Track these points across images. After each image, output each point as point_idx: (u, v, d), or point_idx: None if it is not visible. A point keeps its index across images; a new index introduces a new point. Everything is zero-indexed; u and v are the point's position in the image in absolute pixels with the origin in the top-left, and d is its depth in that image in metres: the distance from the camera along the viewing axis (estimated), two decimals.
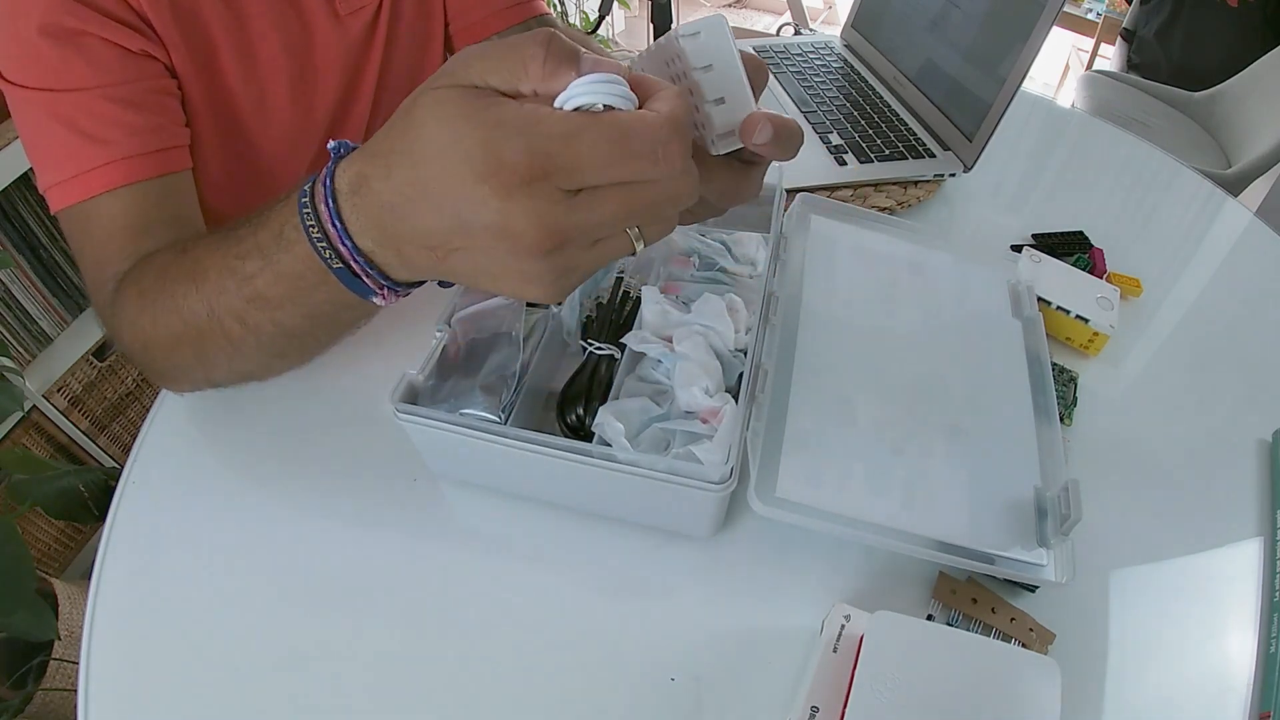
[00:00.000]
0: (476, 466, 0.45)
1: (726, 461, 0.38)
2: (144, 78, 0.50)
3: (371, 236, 0.33)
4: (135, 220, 0.48)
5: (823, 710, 0.35)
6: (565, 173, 0.28)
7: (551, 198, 0.28)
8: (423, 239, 0.31)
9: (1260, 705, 0.39)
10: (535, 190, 0.28)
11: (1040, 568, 0.39)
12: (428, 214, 0.30)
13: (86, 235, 0.49)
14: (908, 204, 0.67)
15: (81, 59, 0.47)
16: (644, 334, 0.45)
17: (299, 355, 0.43)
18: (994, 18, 0.65)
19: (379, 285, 0.34)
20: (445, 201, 0.30)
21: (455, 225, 0.30)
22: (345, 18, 0.60)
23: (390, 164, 0.31)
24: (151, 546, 0.45)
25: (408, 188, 0.31)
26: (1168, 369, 0.56)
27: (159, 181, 0.49)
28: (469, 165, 0.28)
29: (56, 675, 0.96)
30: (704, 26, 0.33)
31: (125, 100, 0.48)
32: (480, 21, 0.68)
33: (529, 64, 0.30)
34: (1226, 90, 1.64)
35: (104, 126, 0.47)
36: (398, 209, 0.31)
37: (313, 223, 0.33)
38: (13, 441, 1.09)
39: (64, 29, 0.46)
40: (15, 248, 1.09)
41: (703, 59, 0.34)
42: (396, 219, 0.32)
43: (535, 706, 0.38)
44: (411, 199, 0.31)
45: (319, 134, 0.64)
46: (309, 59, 0.59)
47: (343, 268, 0.34)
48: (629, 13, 2.80)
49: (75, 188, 0.47)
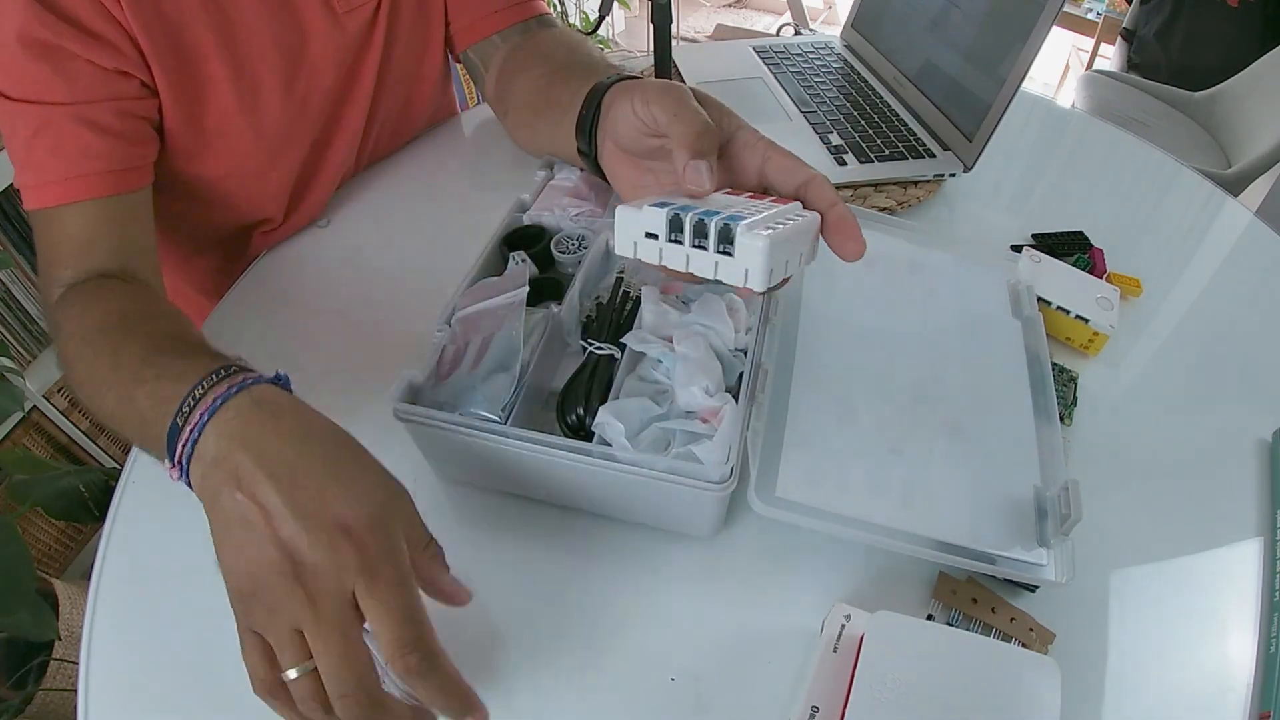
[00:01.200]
0: (477, 466, 0.45)
1: (727, 461, 0.38)
2: (113, 97, 0.51)
3: (215, 438, 0.35)
4: (82, 235, 0.51)
5: (823, 710, 0.35)
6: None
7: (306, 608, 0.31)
8: (252, 480, 0.33)
9: (1260, 705, 0.39)
10: (312, 591, 0.31)
11: (1040, 567, 0.39)
12: (283, 477, 0.33)
13: (43, 237, 0.52)
14: (908, 204, 0.67)
15: (53, 73, 0.48)
16: (644, 334, 0.45)
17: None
18: (994, 18, 0.65)
19: (178, 462, 0.36)
20: (292, 494, 0.33)
21: (283, 513, 0.32)
22: (342, 16, 0.60)
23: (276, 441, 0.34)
24: (151, 546, 0.45)
25: (291, 454, 0.34)
26: (1168, 369, 0.56)
27: (109, 201, 0.51)
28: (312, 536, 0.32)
29: (56, 675, 0.97)
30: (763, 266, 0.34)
31: (89, 120, 0.50)
32: (481, 20, 0.67)
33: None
34: (1226, 90, 1.64)
35: (63, 143, 0.49)
36: (267, 447, 0.34)
37: (203, 390, 0.36)
38: (13, 441, 1.09)
39: (39, 41, 0.47)
40: (15, 248, 1.09)
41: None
42: (246, 447, 0.34)
43: (535, 706, 0.39)
44: (286, 456, 0.34)
45: (312, 130, 0.64)
46: (303, 59, 0.59)
47: (179, 425, 0.36)
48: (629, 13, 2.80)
49: (36, 195, 0.50)
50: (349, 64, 0.63)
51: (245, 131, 0.58)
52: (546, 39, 0.66)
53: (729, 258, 0.34)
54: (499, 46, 0.68)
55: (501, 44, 0.68)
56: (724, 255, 0.34)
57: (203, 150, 0.58)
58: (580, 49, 0.63)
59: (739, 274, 0.34)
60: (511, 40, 0.67)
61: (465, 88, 1.64)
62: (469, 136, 0.79)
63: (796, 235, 0.36)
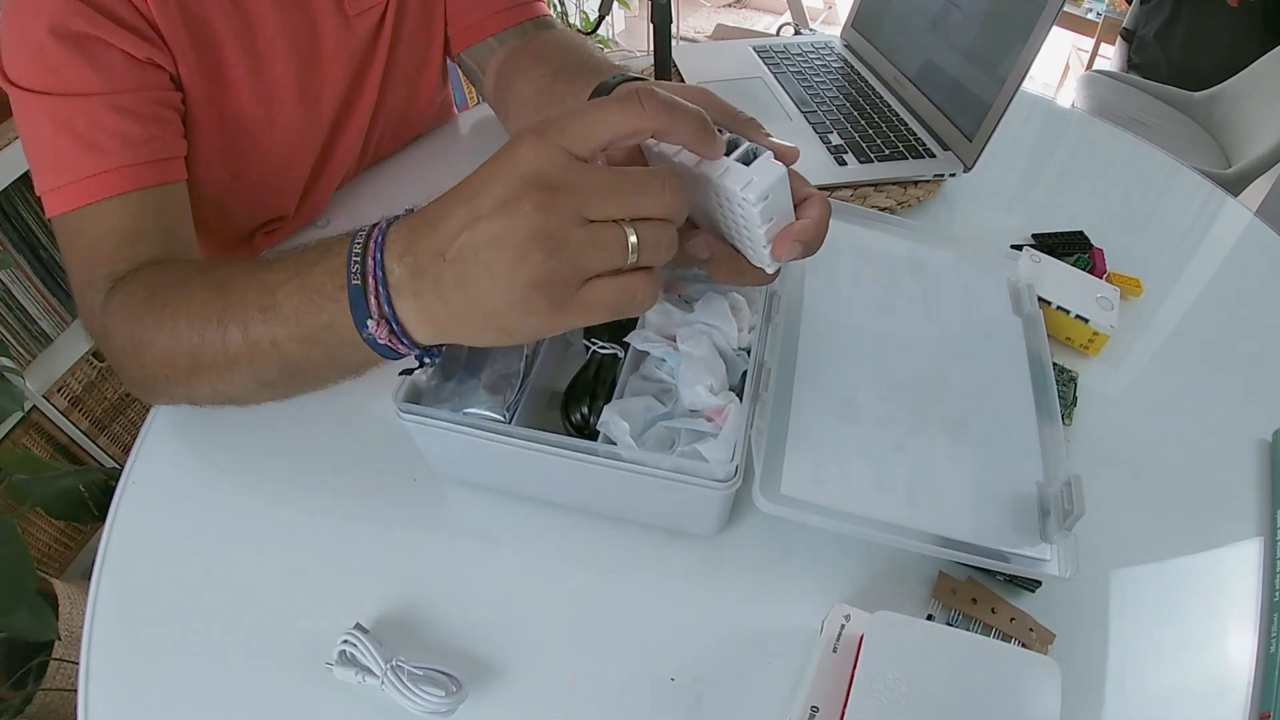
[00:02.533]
0: (480, 466, 0.45)
1: (732, 460, 0.38)
2: (146, 87, 0.50)
3: (398, 250, 0.34)
4: (127, 227, 0.48)
5: (823, 710, 0.35)
6: (583, 195, 0.32)
7: (564, 207, 0.31)
8: (438, 238, 0.33)
9: (1260, 705, 0.39)
10: (550, 194, 0.31)
11: (1044, 563, 0.39)
12: (453, 204, 0.33)
13: (79, 238, 0.49)
14: (908, 204, 0.67)
15: (86, 64, 0.47)
16: (648, 333, 0.45)
17: (283, 388, 0.43)
18: (994, 18, 0.65)
19: (380, 311, 0.35)
20: (469, 187, 0.33)
21: (469, 209, 0.32)
22: (353, 18, 0.60)
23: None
24: (151, 546, 0.45)
25: (447, 195, 0.34)
26: (1168, 369, 0.56)
27: (152, 191, 0.50)
28: (503, 162, 0.32)
29: (56, 675, 0.96)
30: (768, 186, 0.35)
31: (125, 109, 0.49)
32: (479, 22, 0.67)
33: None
34: (1226, 90, 1.65)
35: (102, 135, 0.48)
36: (430, 215, 0.34)
37: (360, 241, 0.35)
38: (13, 441, 1.09)
39: (72, 32, 0.46)
40: (15, 248, 1.09)
41: (760, 207, 0.36)
42: (425, 223, 0.34)
43: (536, 705, 0.39)
44: (444, 201, 0.34)
45: (323, 132, 0.64)
46: (316, 59, 0.59)
47: (359, 285, 0.35)
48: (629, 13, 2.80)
49: (70, 194, 0.48)
50: (357, 65, 0.63)
51: (263, 130, 0.59)
52: (547, 40, 0.66)
53: (744, 167, 0.36)
54: (496, 49, 0.68)
55: (499, 46, 0.68)
56: (739, 164, 0.36)
57: (224, 149, 0.58)
58: (581, 49, 0.63)
59: (741, 180, 0.36)
60: (509, 43, 0.67)
61: (465, 88, 1.64)
62: (466, 136, 0.79)
63: (788, 205, 0.38)
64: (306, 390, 0.43)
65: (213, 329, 0.40)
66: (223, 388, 0.43)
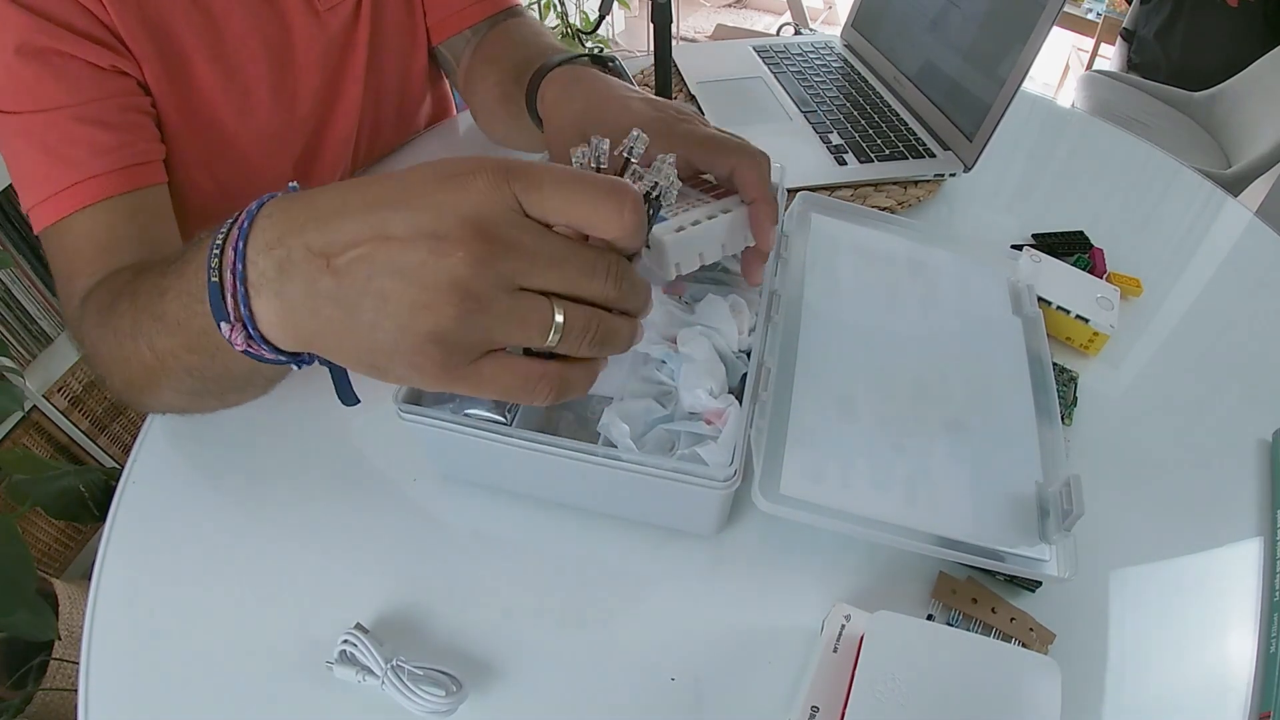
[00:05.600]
0: (481, 466, 0.45)
1: (731, 463, 0.38)
2: (114, 95, 0.50)
3: (267, 238, 0.28)
4: (103, 236, 0.49)
5: (823, 710, 0.35)
6: (525, 261, 0.27)
7: (498, 268, 0.26)
8: (324, 238, 0.27)
9: (1260, 705, 0.39)
10: (490, 248, 0.26)
11: (1043, 563, 0.39)
12: (355, 202, 0.27)
13: (60, 252, 0.49)
14: (908, 204, 0.67)
15: (52, 78, 0.48)
16: (649, 334, 0.45)
17: (218, 398, 0.42)
18: (994, 18, 0.65)
19: (236, 313, 0.29)
20: (386, 190, 0.27)
21: (377, 219, 0.27)
22: (324, 14, 0.60)
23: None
24: (151, 546, 0.45)
25: (350, 188, 0.28)
26: (1168, 369, 0.56)
27: (127, 197, 0.50)
28: (446, 188, 0.27)
29: (56, 675, 0.97)
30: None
31: (93, 119, 0.49)
32: (455, 14, 0.68)
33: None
34: (1226, 90, 1.64)
35: (72, 146, 0.48)
36: (320, 205, 0.28)
37: (224, 229, 0.30)
38: (13, 441, 1.09)
39: (36, 48, 0.47)
40: (15, 248, 1.09)
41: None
42: (310, 212, 0.28)
43: (535, 706, 0.39)
44: (344, 194, 0.28)
45: (303, 131, 0.64)
46: (289, 57, 0.59)
47: (216, 281, 0.29)
48: (629, 13, 2.80)
49: (49, 209, 0.48)
50: (334, 63, 0.63)
51: (238, 134, 0.58)
52: (503, 34, 0.66)
53: (647, 250, 0.39)
54: (470, 40, 0.68)
55: (472, 37, 0.68)
56: (647, 249, 0.39)
57: (202, 154, 0.58)
58: (534, 43, 0.63)
59: (657, 262, 0.39)
60: (481, 34, 0.68)
61: None
62: (464, 136, 0.79)
63: (709, 232, 0.41)
64: (244, 400, 0.43)
65: (130, 343, 0.37)
66: (168, 400, 0.42)
